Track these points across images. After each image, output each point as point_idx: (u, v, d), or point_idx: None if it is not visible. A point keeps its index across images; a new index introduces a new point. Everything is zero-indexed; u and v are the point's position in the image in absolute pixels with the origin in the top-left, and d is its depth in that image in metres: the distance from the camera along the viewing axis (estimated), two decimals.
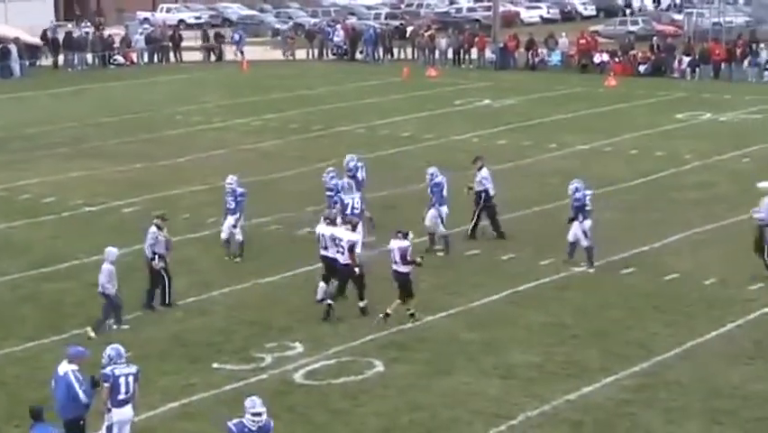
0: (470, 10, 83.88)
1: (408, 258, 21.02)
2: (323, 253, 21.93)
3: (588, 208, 24.10)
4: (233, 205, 25.11)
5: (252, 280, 23.73)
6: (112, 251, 20.95)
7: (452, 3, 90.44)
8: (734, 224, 27.00)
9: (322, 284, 21.89)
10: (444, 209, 25.25)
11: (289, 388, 18.33)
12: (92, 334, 20.21)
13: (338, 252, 21.49)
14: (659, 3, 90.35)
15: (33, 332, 20.90)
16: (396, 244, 21.14)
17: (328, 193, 25.99)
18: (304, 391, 18.21)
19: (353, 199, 24.78)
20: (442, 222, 25.36)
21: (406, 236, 21.28)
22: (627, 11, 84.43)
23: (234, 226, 25.09)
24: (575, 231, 24.06)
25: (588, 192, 24.21)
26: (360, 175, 26.94)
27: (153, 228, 22.05)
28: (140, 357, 19.38)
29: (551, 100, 47.94)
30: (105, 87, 54.01)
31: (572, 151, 36.44)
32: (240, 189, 25.12)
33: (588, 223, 24.03)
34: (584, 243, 24.06)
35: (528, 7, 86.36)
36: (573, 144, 37.49)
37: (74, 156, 36.95)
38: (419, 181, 28.71)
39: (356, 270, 21.39)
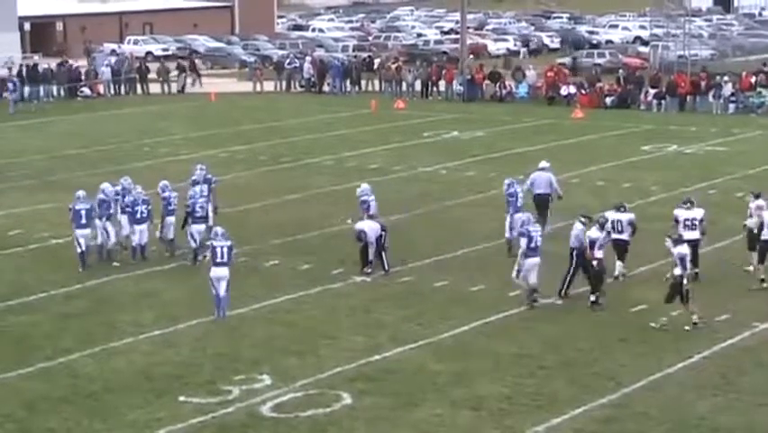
0: (438, 42, 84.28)
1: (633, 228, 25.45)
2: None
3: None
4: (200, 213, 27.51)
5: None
6: None
7: (419, 35, 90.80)
8: (700, 255, 27.08)
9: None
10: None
11: (257, 421, 18.25)
12: None
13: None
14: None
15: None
16: (625, 217, 25.23)
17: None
18: (271, 424, 18.12)
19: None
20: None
21: (626, 210, 25.49)
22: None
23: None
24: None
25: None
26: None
27: (579, 225, 24.44)
28: (106, 390, 19.31)
29: (518, 132, 48.12)
30: (71, 120, 53.84)
31: None
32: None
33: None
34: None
35: (496, 40, 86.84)
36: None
37: (40, 188, 36.77)
38: (388, 213, 28.80)
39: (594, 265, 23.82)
